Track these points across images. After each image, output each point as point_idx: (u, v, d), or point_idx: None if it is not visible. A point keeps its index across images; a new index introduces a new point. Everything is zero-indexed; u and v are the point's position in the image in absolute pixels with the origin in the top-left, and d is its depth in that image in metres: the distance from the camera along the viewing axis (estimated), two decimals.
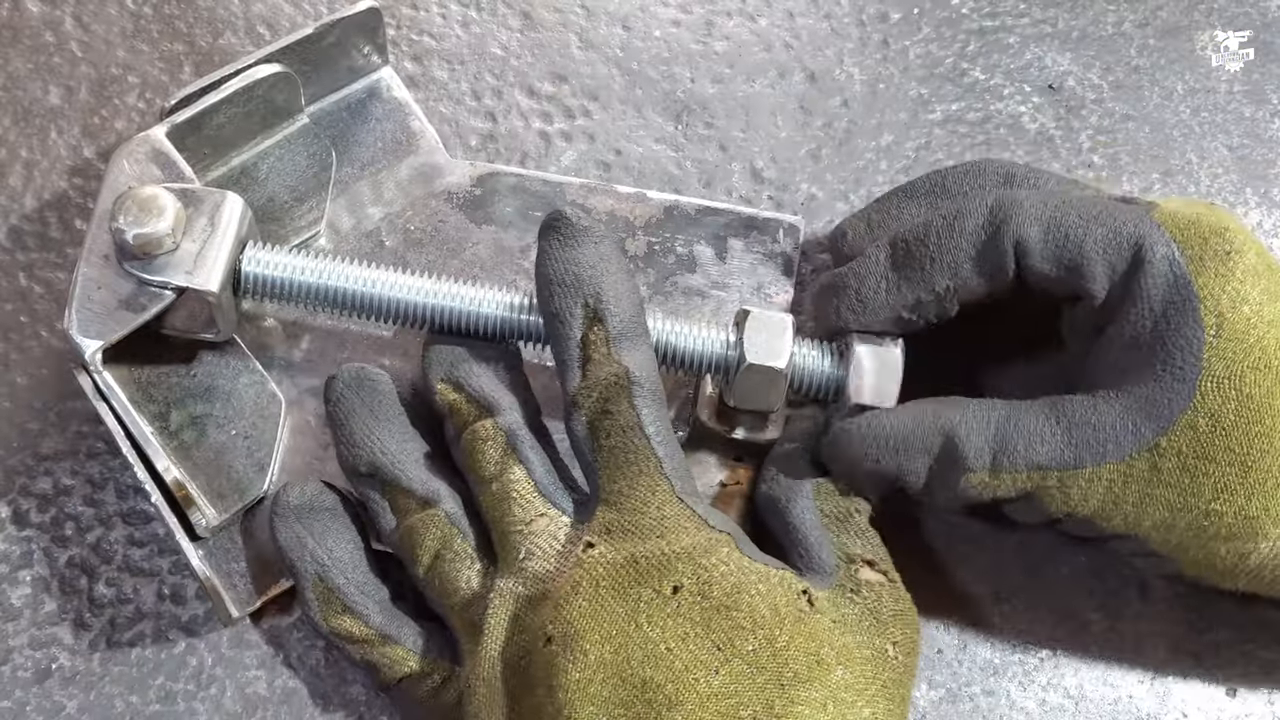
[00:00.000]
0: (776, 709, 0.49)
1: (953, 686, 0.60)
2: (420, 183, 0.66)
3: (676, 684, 0.49)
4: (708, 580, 0.51)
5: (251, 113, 0.62)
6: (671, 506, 0.53)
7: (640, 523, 0.52)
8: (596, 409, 0.53)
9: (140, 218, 0.56)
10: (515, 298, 0.58)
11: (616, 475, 0.53)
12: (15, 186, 0.66)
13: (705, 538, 0.52)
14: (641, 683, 0.49)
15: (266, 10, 0.70)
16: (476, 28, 0.71)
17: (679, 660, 0.50)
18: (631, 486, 0.53)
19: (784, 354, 0.57)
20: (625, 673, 0.49)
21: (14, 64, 0.68)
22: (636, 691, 0.49)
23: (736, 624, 0.50)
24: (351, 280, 0.58)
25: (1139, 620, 0.62)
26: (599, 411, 0.53)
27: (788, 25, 0.72)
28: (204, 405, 0.60)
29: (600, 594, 0.51)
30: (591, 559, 0.52)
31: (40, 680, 0.58)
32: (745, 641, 0.50)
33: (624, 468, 0.53)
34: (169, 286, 0.56)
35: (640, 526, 0.52)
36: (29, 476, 0.61)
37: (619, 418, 0.53)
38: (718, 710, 0.49)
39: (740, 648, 0.50)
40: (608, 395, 0.53)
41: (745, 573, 0.52)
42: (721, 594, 0.51)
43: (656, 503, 0.52)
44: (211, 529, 0.58)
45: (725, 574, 0.51)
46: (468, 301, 0.58)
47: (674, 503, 0.53)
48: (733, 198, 0.68)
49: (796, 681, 0.50)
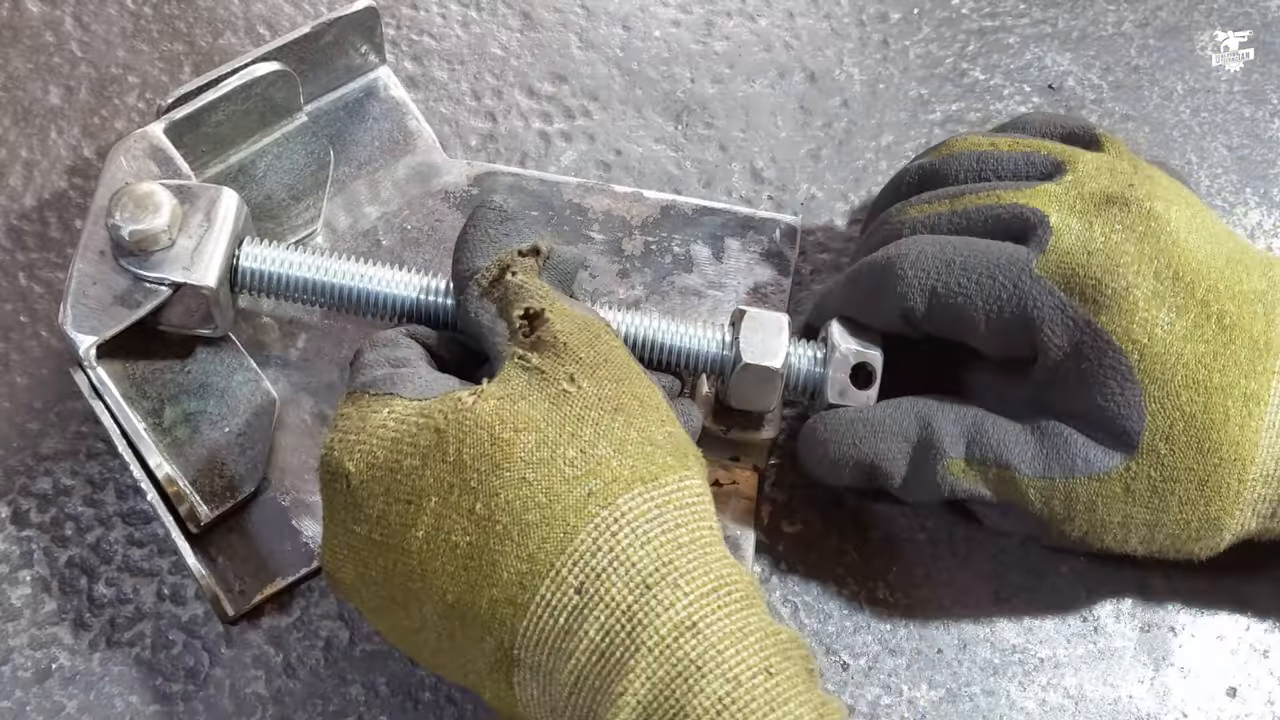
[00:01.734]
0: (478, 511, 0.48)
1: (953, 686, 0.60)
2: (417, 182, 0.66)
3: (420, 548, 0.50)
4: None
5: (250, 110, 0.62)
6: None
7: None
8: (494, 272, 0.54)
9: (136, 214, 0.56)
10: None
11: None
12: (15, 186, 0.66)
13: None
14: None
15: (266, 10, 0.70)
16: (476, 28, 0.71)
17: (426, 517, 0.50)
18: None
19: (780, 354, 0.57)
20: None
21: (14, 64, 0.68)
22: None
23: (411, 471, 0.50)
24: (348, 276, 0.58)
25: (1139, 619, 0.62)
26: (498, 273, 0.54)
27: (788, 25, 0.72)
28: (198, 402, 0.60)
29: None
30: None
31: (40, 680, 0.58)
32: (423, 479, 0.49)
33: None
34: (165, 282, 0.57)
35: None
36: (29, 476, 0.61)
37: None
38: (443, 554, 0.49)
39: (418, 485, 0.49)
40: (509, 262, 0.54)
41: (409, 421, 0.51)
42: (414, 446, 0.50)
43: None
44: (203, 525, 0.58)
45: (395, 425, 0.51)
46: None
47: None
48: (732, 198, 0.68)
49: (484, 475, 0.48)
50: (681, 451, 0.51)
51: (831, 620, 0.61)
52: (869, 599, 0.61)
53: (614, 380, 0.51)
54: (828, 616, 0.61)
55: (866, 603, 0.61)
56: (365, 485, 0.50)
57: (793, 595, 0.61)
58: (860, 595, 0.61)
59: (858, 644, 0.61)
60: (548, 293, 0.53)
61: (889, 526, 0.63)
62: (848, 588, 0.62)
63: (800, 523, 0.62)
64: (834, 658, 0.60)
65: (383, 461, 0.50)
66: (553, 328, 0.51)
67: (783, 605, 0.61)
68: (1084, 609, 0.62)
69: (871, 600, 0.61)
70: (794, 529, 0.62)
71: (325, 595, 0.60)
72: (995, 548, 0.62)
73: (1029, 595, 0.62)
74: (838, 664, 0.60)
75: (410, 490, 0.49)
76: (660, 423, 0.51)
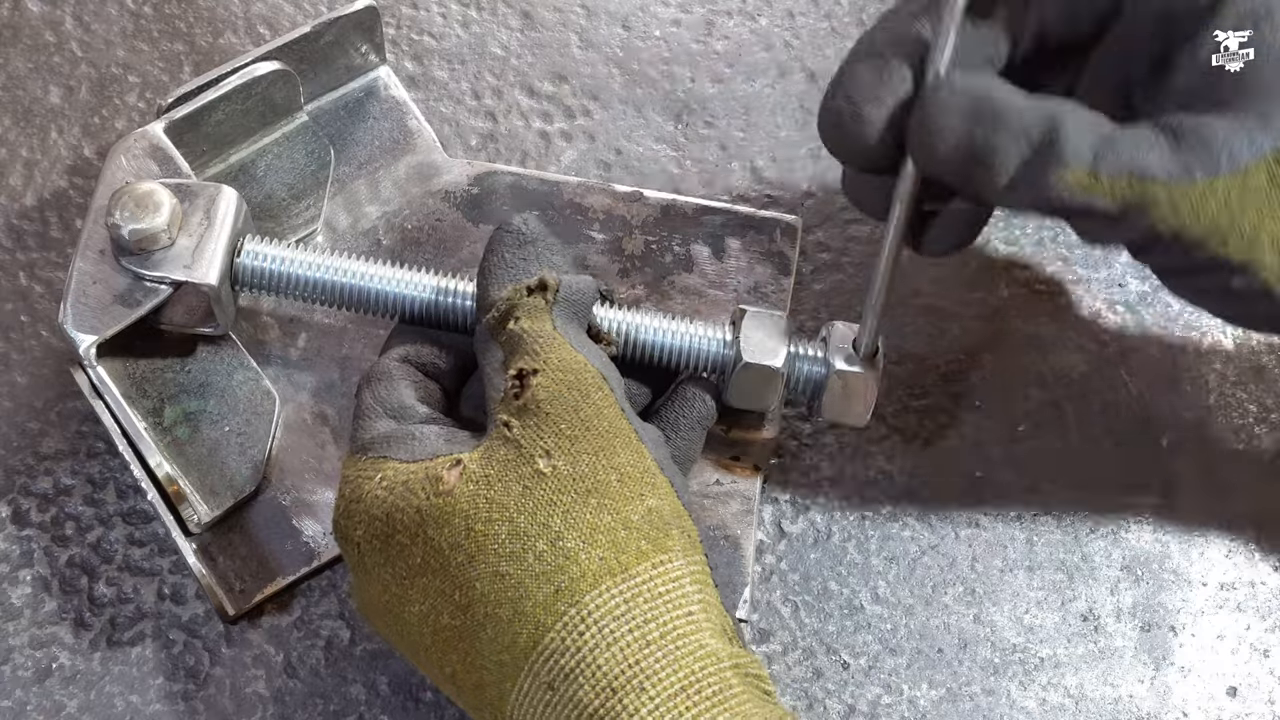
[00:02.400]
0: (458, 600, 0.48)
1: (953, 686, 0.60)
2: (417, 181, 0.66)
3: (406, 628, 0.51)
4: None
5: (250, 110, 0.62)
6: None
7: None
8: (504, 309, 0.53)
9: (136, 213, 0.56)
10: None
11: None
12: (16, 186, 0.66)
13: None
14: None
15: (266, 10, 0.70)
16: (476, 27, 0.71)
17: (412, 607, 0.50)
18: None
19: (780, 353, 0.57)
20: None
21: (14, 64, 0.68)
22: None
23: (403, 548, 0.50)
24: (349, 274, 0.58)
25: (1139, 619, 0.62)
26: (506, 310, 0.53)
27: (788, 25, 0.72)
28: (198, 401, 0.60)
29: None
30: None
31: (40, 680, 0.58)
32: (413, 558, 0.50)
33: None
34: (166, 281, 0.57)
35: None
36: (29, 476, 0.61)
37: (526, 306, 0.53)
38: (436, 632, 0.49)
39: (411, 563, 0.50)
40: (518, 300, 0.53)
41: (396, 492, 0.51)
42: (405, 527, 0.50)
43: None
44: (203, 525, 0.58)
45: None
46: (465, 297, 0.57)
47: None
48: (733, 197, 0.68)
49: (461, 566, 0.49)
50: (660, 531, 0.49)
51: (831, 620, 0.61)
52: (869, 599, 0.61)
53: (592, 453, 0.49)
54: (828, 616, 0.61)
55: (866, 603, 0.61)
56: (370, 554, 0.51)
57: (793, 595, 0.61)
58: (860, 595, 0.61)
59: (858, 644, 0.61)
60: (547, 340, 0.52)
61: (889, 526, 0.63)
62: (848, 587, 0.62)
63: (800, 523, 0.62)
64: (834, 657, 0.60)
65: (380, 533, 0.51)
66: (538, 393, 0.50)
67: (783, 605, 0.61)
68: (1084, 609, 0.62)
69: (871, 600, 0.61)
70: (794, 529, 0.62)
71: (325, 595, 0.60)
72: (996, 545, 0.62)
73: (1030, 594, 0.62)
74: (838, 664, 0.60)
75: (405, 567, 0.50)
76: (640, 498, 0.49)
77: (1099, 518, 0.63)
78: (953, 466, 0.64)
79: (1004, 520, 0.63)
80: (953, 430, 0.64)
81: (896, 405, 0.65)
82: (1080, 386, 0.66)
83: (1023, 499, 0.63)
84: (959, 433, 0.64)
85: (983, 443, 0.64)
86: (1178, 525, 0.63)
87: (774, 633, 0.61)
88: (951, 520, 0.63)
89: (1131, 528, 0.63)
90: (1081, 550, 0.63)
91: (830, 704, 0.60)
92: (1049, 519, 0.63)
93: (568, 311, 0.53)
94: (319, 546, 0.60)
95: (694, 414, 0.57)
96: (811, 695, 0.60)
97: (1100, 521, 0.63)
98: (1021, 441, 0.64)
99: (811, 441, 0.64)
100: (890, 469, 0.64)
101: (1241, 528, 0.63)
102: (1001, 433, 0.65)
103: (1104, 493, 0.64)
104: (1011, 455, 0.64)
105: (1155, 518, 0.63)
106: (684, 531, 0.49)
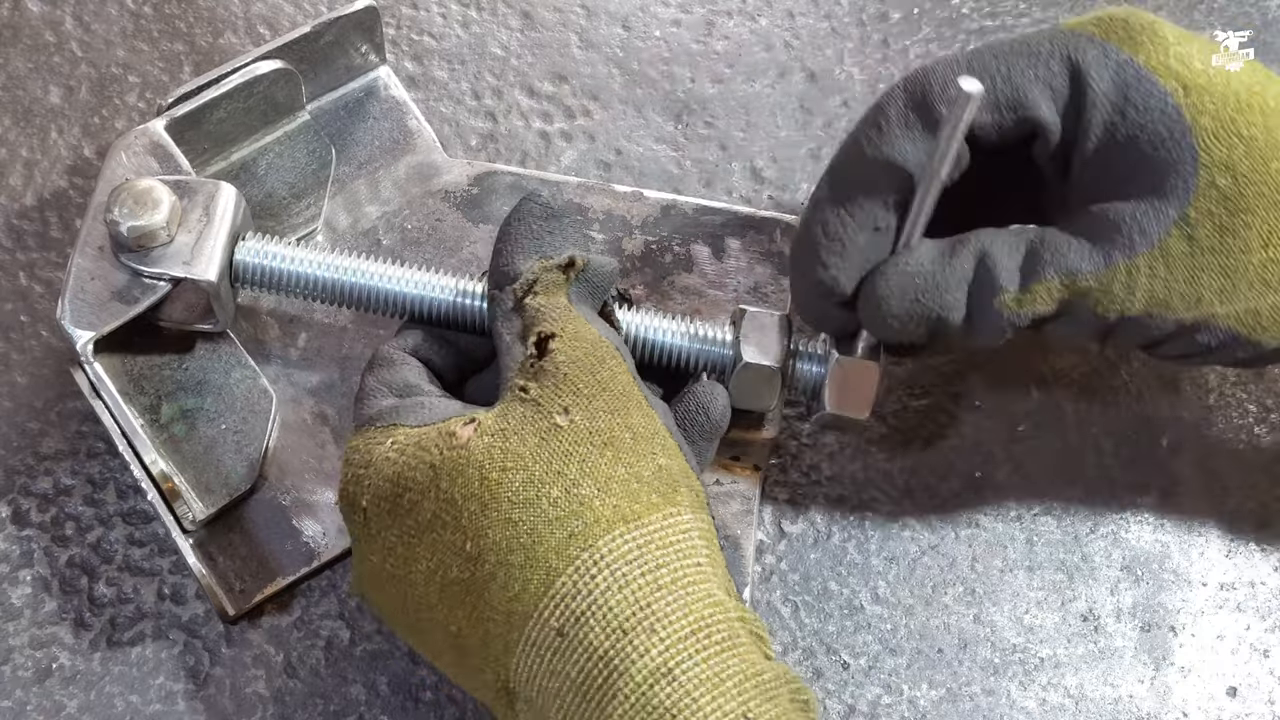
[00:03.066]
0: (468, 550, 0.49)
1: (953, 686, 0.60)
2: (417, 181, 0.66)
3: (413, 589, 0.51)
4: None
5: (252, 108, 0.62)
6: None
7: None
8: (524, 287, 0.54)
9: (135, 210, 0.56)
10: None
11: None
12: (16, 186, 0.66)
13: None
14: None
15: (266, 10, 0.70)
16: (476, 28, 0.71)
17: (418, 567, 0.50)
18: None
19: (780, 354, 0.57)
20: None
21: (14, 64, 0.68)
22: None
23: (413, 505, 0.50)
24: (348, 271, 0.58)
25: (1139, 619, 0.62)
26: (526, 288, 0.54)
27: (788, 25, 0.72)
28: (195, 399, 0.60)
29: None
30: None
31: (40, 680, 0.58)
32: (423, 514, 0.50)
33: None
34: (165, 278, 0.57)
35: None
36: (29, 476, 0.61)
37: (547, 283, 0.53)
38: (443, 588, 0.49)
39: (420, 519, 0.50)
40: (538, 276, 0.53)
41: (408, 453, 0.51)
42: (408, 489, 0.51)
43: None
44: (198, 522, 0.58)
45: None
46: (464, 295, 0.57)
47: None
48: (733, 197, 0.68)
49: (473, 515, 0.49)
50: (670, 487, 0.50)
51: (831, 620, 0.61)
52: (869, 599, 0.61)
53: (609, 411, 0.50)
54: (828, 616, 0.61)
55: (866, 603, 0.61)
56: (377, 518, 0.51)
57: (793, 595, 0.61)
58: (860, 595, 0.61)
59: (858, 644, 0.61)
60: (565, 314, 0.52)
61: (889, 526, 0.63)
62: (848, 587, 0.62)
63: (800, 523, 0.62)
64: (834, 657, 0.60)
65: (388, 494, 0.50)
66: (556, 357, 0.51)
67: (783, 605, 0.61)
68: (1084, 609, 0.62)
69: (872, 600, 0.61)
70: (794, 529, 0.62)
71: (325, 595, 0.60)
72: (996, 544, 0.62)
73: (1030, 594, 0.62)
74: (838, 664, 0.60)
75: (413, 524, 0.50)
76: (651, 455, 0.50)
77: (1099, 518, 0.63)
78: (953, 466, 0.64)
79: (1004, 520, 0.63)
80: (953, 430, 0.64)
81: (896, 405, 0.65)
82: (1080, 386, 0.66)
83: (1023, 499, 0.63)
84: (959, 433, 0.64)
85: (983, 443, 0.64)
86: (1178, 525, 0.63)
87: (774, 633, 0.61)
88: (951, 520, 0.63)
89: (1131, 528, 0.63)
90: (1081, 550, 0.63)
91: (830, 704, 0.60)
92: (1049, 519, 0.63)
93: (584, 290, 0.54)
94: (319, 546, 0.60)
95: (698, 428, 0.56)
96: None
97: (1100, 521, 0.63)
98: (1021, 441, 0.64)
99: (811, 441, 0.64)
100: (890, 469, 0.64)
101: (1241, 528, 0.63)
102: (1001, 433, 0.65)
103: (1104, 493, 0.64)
104: (1011, 455, 0.64)
105: (1155, 518, 0.63)
106: (692, 490, 0.50)
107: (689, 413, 0.55)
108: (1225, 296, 0.53)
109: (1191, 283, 0.52)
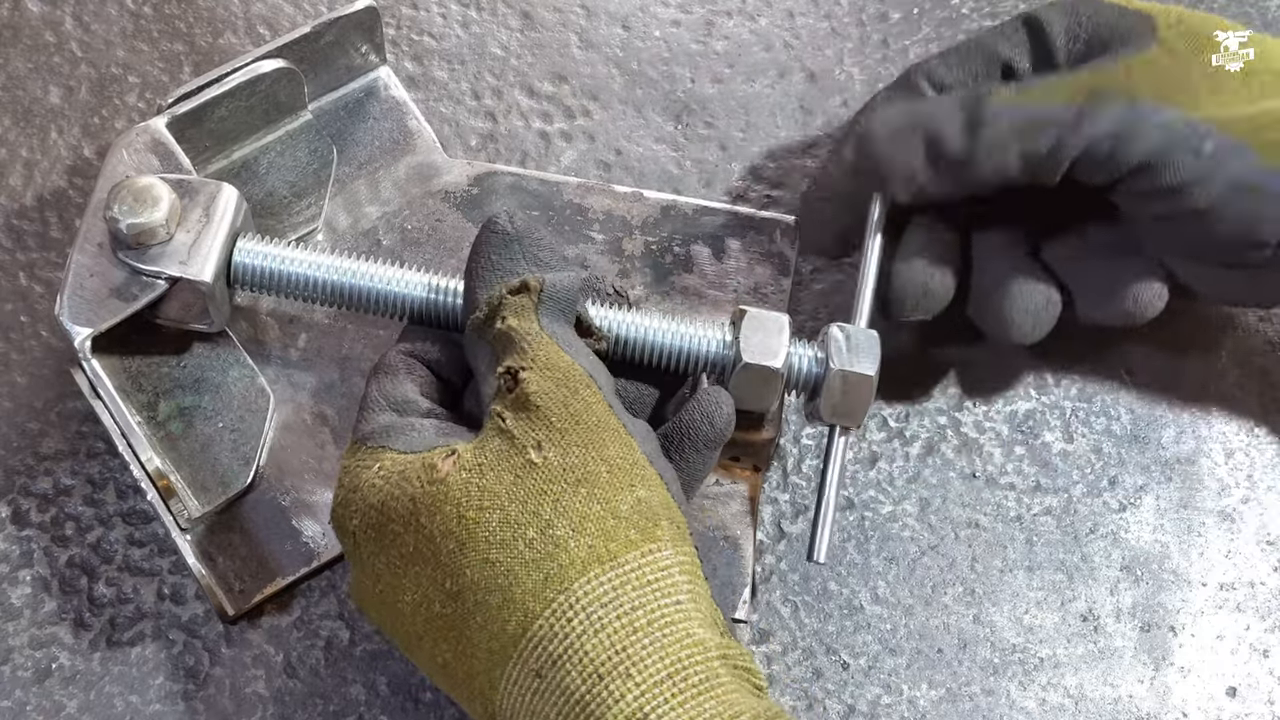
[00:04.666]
0: (448, 587, 0.49)
1: (953, 686, 0.60)
2: (417, 182, 0.66)
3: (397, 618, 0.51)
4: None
5: (254, 107, 0.62)
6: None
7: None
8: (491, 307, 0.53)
9: (135, 207, 0.56)
10: None
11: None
12: (16, 186, 0.66)
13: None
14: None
15: (266, 10, 0.70)
16: (476, 28, 0.71)
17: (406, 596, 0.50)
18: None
19: (780, 354, 0.57)
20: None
21: (14, 64, 0.68)
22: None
23: (396, 536, 0.50)
24: (345, 273, 0.58)
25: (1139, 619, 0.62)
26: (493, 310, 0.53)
27: (788, 25, 0.72)
28: (193, 397, 0.60)
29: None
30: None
31: (40, 680, 0.58)
32: (405, 546, 0.50)
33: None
34: (162, 276, 0.57)
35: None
36: (29, 476, 0.61)
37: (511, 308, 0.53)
38: (428, 620, 0.50)
39: (404, 551, 0.50)
40: (503, 301, 0.53)
41: (392, 481, 0.51)
42: (395, 516, 0.51)
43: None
44: (193, 520, 0.58)
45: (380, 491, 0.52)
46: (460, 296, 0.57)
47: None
48: (732, 197, 0.68)
49: (451, 554, 0.49)
50: (650, 520, 0.49)
51: (831, 620, 0.61)
52: (869, 599, 0.61)
53: (582, 445, 0.50)
54: (828, 616, 0.61)
55: (866, 603, 0.61)
56: (365, 544, 0.51)
57: (793, 595, 0.61)
58: (860, 595, 0.61)
59: (858, 644, 0.61)
60: (534, 339, 0.52)
61: (889, 526, 0.63)
62: (847, 587, 0.62)
63: (800, 523, 0.62)
64: (834, 658, 0.60)
65: (375, 522, 0.51)
66: (528, 388, 0.50)
67: (783, 605, 0.61)
68: (1084, 609, 0.62)
69: (871, 600, 0.61)
70: (794, 529, 0.62)
71: (325, 595, 0.60)
72: (996, 543, 0.62)
73: (1029, 595, 0.62)
74: (838, 664, 0.60)
75: (398, 556, 0.50)
76: (630, 488, 0.49)
77: (1099, 518, 0.63)
78: (953, 466, 0.64)
79: (1004, 520, 0.63)
80: (952, 430, 0.64)
81: (896, 405, 0.65)
82: (1080, 386, 0.66)
83: (1023, 499, 0.64)
84: (959, 432, 0.64)
85: (982, 443, 0.64)
86: (1178, 525, 0.63)
87: (774, 633, 0.61)
88: (951, 520, 0.63)
89: (1131, 528, 0.63)
90: (1081, 550, 0.63)
91: (830, 704, 0.60)
92: (1049, 519, 0.63)
93: (553, 309, 0.53)
94: (319, 547, 0.60)
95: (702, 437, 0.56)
96: (811, 695, 0.60)
97: (1100, 522, 0.63)
98: (1021, 442, 0.64)
99: (811, 442, 0.64)
100: (890, 469, 0.64)
101: (1242, 528, 0.63)
102: (1001, 433, 0.65)
103: (1103, 493, 0.64)
104: (1011, 455, 0.64)
105: (1155, 518, 0.63)
106: (673, 522, 0.50)
107: (693, 421, 0.55)
108: (1220, 102, 0.58)
109: (1185, 78, 0.58)
